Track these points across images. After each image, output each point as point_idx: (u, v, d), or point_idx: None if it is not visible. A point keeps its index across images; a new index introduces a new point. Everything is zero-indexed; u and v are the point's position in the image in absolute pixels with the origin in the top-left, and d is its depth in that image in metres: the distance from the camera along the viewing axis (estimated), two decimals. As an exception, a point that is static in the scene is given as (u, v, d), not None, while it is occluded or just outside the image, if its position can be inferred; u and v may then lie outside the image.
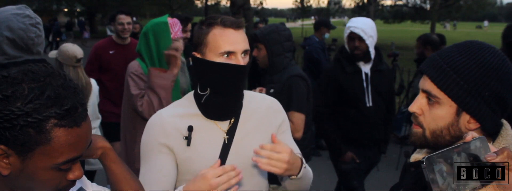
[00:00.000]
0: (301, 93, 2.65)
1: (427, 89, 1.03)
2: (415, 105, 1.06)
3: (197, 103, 1.50)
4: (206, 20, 1.44)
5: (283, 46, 2.69)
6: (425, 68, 1.05)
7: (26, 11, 1.82)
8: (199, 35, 1.43)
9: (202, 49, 1.43)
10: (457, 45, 1.04)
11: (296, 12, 38.56)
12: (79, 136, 0.85)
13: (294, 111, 2.61)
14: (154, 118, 1.50)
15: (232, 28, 1.40)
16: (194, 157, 1.45)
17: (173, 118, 1.48)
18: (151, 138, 1.47)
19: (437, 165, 0.75)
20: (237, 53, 1.40)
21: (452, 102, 1.00)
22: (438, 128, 1.03)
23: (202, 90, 1.47)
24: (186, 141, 1.45)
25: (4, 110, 0.78)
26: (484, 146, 0.79)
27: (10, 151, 0.81)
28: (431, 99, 1.03)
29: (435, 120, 1.03)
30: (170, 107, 1.56)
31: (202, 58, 1.43)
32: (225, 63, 1.39)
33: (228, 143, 1.49)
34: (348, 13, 53.46)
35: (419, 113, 1.06)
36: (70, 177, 0.89)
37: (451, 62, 0.99)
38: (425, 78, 1.05)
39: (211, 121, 1.49)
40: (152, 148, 1.46)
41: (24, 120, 0.78)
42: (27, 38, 1.77)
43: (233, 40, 1.39)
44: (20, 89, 0.79)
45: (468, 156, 0.78)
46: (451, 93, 0.99)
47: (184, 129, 1.46)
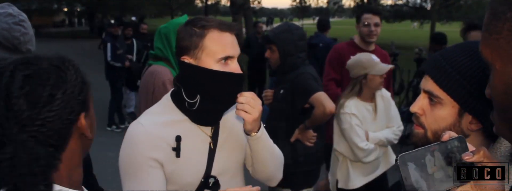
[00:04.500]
0: (309, 83, 2.58)
1: (429, 89, 1.03)
2: (416, 105, 1.06)
3: (181, 109, 1.42)
4: (196, 22, 1.35)
5: (296, 45, 2.62)
6: (427, 68, 1.04)
7: (8, 10, 1.76)
8: (191, 38, 1.33)
9: (197, 53, 1.33)
10: (459, 45, 1.03)
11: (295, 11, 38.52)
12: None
13: (311, 96, 2.55)
14: (136, 129, 1.38)
15: (229, 32, 1.36)
16: (183, 167, 1.40)
17: (157, 127, 1.38)
18: (138, 152, 1.35)
19: (410, 164, 0.75)
20: (235, 58, 1.36)
21: (454, 103, 1.00)
22: (440, 129, 1.02)
23: (190, 97, 1.38)
24: (175, 152, 1.38)
25: (68, 82, 0.85)
26: (462, 145, 0.79)
27: (83, 114, 0.89)
28: (433, 100, 1.03)
29: (437, 120, 1.03)
30: (148, 115, 1.44)
31: (195, 65, 1.34)
32: (224, 72, 1.33)
33: (214, 149, 1.47)
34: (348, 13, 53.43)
35: (420, 114, 1.05)
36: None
37: (453, 63, 0.99)
38: (426, 78, 1.04)
39: (195, 125, 1.43)
40: (141, 163, 1.34)
41: (76, 80, 0.87)
42: (12, 37, 1.73)
43: (232, 45, 1.35)
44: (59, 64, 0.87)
45: (444, 155, 0.78)
46: (453, 94, 0.99)
47: (170, 139, 1.38)
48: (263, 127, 1.44)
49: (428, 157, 0.77)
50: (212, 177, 1.45)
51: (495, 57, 0.63)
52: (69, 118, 0.85)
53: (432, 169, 0.77)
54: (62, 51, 0.98)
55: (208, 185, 1.44)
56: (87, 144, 0.95)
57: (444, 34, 5.03)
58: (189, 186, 1.43)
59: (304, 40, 2.70)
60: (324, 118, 2.57)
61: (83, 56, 13.52)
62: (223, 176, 1.47)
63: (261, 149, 1.45)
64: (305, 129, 2.66)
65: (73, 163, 0.91)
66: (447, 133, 0.80)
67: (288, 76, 2.66)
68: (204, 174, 1.44)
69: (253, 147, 1.45)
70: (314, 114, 2.56)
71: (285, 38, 2.60)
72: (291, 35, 2.61)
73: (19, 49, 1.77)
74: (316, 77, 2.66)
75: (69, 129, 0.86)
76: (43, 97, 0.80)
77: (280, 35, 2.61)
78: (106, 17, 31.78)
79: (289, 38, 2.60)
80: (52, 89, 0.81)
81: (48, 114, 0.80)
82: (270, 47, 2.68)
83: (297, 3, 36.29)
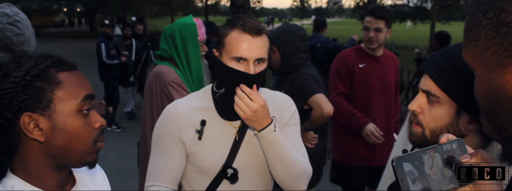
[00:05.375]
0: (308, 84, 2.57)
1: (428, 88, 1.03)
2: (415, 103, 1.06)
3: (213, 98, 1.52)
4: (231, 20, 1.44)
5: (297, 46, 2.61)
6: (426, 67, 1.05)
7: (5, 10, 1.76)
8: (221, 34, 1.44)
9: (220, 48, 1.44)
10: (459, 45, 1.03)
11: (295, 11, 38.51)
12: (81, 76, 0.94)
13: (309, 99, 2.54)
14: (170, 108, 1.54)
15: (249, 34, 1.38)
16: (204, 151, 1.48)
17: (188, 110, 1.51)
18: (165, 129, 1.51)
19: (407, 166, 0.75)
20: (249, 61, 1.39)
21: (453, 102, 1.00)
22: (437, 128, 1.03)
23: (218, 87, 1.49)
24: (198, 134, 1.47)
25: (11, 78, 0.85)
26: (460, 148, 0.79)
27: (35, 115, 0.86)
28: (431, 99, 1.03)
29: (435, 119, 1.03)
30: (187, 99, 1.59)
31: (217, 58, 1.45)
32: (234, 69, 1.39)
33: (239, 141, 1.50)
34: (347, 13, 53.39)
35: (418, 112, 1.06)
36: (96, 125, 0.95)
37: (452, 62, 0.99)
38: (426, 77, 1.05)
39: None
40: (166, 139, 1.50)
41: (30, 75, 0.85)
42: (4, 37, 1.72)
43: (248, 47, 1.38)
44: (13, 62, 0.88)
45: (441, 157, 0.78)
46: (451, 93, 0.99)
47: (197, 122, 1.49)
48: (273, 130, 1.41)
49: (425, 159, 0.77)
50: (231, 168, 1.47)
51: (475, 63, 0.63)
52: (4, 114, 0.85)
53: (429, 171, 0.77)
54: (62, 51, 0.99)
55: (226, 175, 1.47)
56: (52, 148, 0.90)
57: (448, 34, 5.02)
58: (208, 171, 1.49)
59: (305, 41, 2.68)
60: (322, 120, 2.56)
61: (83, 56, 13.53)
62: (245, 172, 1.48)
63: (268, 151, 1.44)
64: (305, 130, 2.66)
65: (38, 165, 0.91)
66: (445, 135, 0.80)
67: (288, 77, 2.66)
68: (224, 163, 1.47)
69: (261, 146, 1.46)
70: (312, 116, 2.56)
71: (285, 39, 2.59)
72: (291, 36, 2.60)
73: (12, 50, 1.74)
74: (316, 78, 2.65)
75: (5, 126, 0.86)
76: None
77: (281, 36, 2.60)
78: (106, 17, 31.81)
79: (289, 39, 2.59)
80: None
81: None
82: (271, 48, 2.67)
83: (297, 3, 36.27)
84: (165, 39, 2.37)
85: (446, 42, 4.95)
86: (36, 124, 0.87)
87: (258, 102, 1.36)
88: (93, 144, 0.94)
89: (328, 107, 2.51)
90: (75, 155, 0.93)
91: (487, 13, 0.58)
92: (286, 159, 1.45)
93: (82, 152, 0.93)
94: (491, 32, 0.58)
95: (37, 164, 0.92)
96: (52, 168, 0.93)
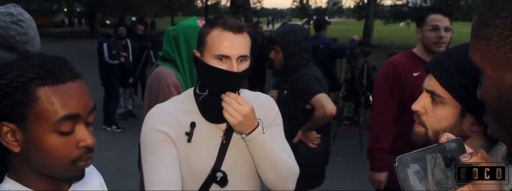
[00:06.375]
0: (311, 84, 2.56)
1: (432, 88, 1.02)
2: (418, 104, 1.05)
3: (196, 102, 1.49)
4: (211, 20, 1.43)
5: (300, 46, 2.60)
6: (430, 67, 1.04)
7: (10, 9, 1.79)
8: (201, 33, 1.42)
9: (201, 48, 1.42)
10: (464, 46, 1.02)
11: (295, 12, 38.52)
12: (67, 93, 0.85)
13: (312, 98, 2.54)
14: (155, 110, 1.48)
15: (231, 31, 1.37)
16: (192, 154, 1.45)
17: (175, 111, 1.47)
18: (153, 129, 1.43)
19: (409, 166, 0.75)
20: (232, 58, 1.36)
21: (457, 103, 0.99)
22: (441, 129, 1.02)
23: (201, 90, 1.46)
24: (187, 136, 1.44)
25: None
26: (460, 147, 0.79)
27: (12, 125, 0.84)
28: (435, 99, 1.02)
29: (438, 120, 1.02)
30: (171, 102, 1.54)
31: (199, 58, 1.42)
32: (218, 68, 1.36)
33: (226, 144, 1.48)
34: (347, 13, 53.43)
35: (422, 112, 1.05)
36: (80, 144, 0.88)
37: (457, 63, 0.98)
38: (430, 77, 1.04)
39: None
40: (156, 139, 1.42)
41: (10, 87, 0.82)
42: (7, 36, 1.74)
43: (230, 44, 1.36)
44: (6, 64, 0.85)
45: (442, 157, 0.78)
46: (456, 94, 0.98)
47: (185, 123, 1.46)
48: (261, 132, 1.40)
49: (426, 158, 0.77)
50: (220, 172, 1.45)
51: (485, 63, 0.62)
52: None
53: (430, 171, 0.76)
54: (62, 51, 0.98)
55: (215, 179, 1.45)
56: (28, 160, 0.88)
57: None
58: (197, 176, 1.46)
59: (307, 41, 2.67)
60: (325, 120, 2.56)
61: (83, 56, 13.53)
62: (234, 174, 1.47)
63: (256, 153, 1.43)
64: (307, 130, 2.65)
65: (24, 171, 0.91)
66: (445, 135, 0.79)
67: (291, 77, 2.66)
68: (212, 167, 1.46)
69: (249, 149, 1.45)
70: (314, 116, 2.56)
71: (288, 39, 2.59)
72: (294, 36, 2.60)
73: (15, 49, 1.77)
74: (319, 78, 2.65)
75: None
76: None
77: (283, 36, 2.60)
78: (106, 17, 31.80)
79: (292, 39, 2.59)
80: None
81: None
82: (274, 48, 2.67)
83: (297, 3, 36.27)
84: (169, 41, 2.35)
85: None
86: (13, 133, 0.85)
87: (247, 105, 1.35)
88: (72, 163, 0.88)
89: (330, 107, 2.51)
90: (52, 172, 0.90)
91: (501, 12, 0.57)
92: (274, 160, 1.44)
93: (59, 170, 0.89)
94: (505, 31, 0.57)
95: (24, 170, 0.91)
96: (38, 175, 0.92)
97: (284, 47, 2.60)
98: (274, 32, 2.71)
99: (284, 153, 1.50)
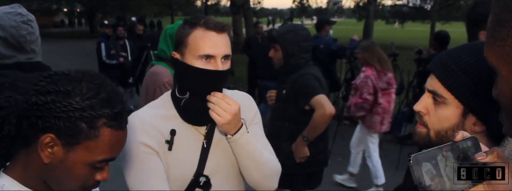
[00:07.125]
0: (310, 84, 2.56)
1: (434, 88, 1.02)
2: (420, 104, 1.04)
3: (175, 106, 1.45)
4: (190, 20, 1.39)
5: (300, 46, 2.60)
6: (432, 67, 1.03)
7: (18, 9, 1.83)
8: (181, 34, 1.38)
9: (182, 49, 1.38)
10: (467, 45, 1.02)
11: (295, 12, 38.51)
12: (120, 140, 0.94)
13: (312, 99, 2.54)
14: (133, 118, 1.41)
15: (214, 31, 1.35)
16: (174, 162, 1.43)
17: (152, 118, 1.43)
18: (133, 139, 1.38)
19: (424, 164, 0.75)
20: (217, 57, 1.35)
21: (459, 103, 0.99)
22: (443, 129, 1.02)
23: (180, 93, 1.42)
24: (167, 145, 1.41)
25: (63, 102, 0.86)
26: (475, 146, 0.78)
27: (57, 141, 0.88)
28: (437, 99, 1.02)
29: (440, 120, 1.02)
30: (146, 108, 1.50)
31: (180, 60, 1.38)
32: (203, 69, 1.34)
33: (207, 147, 1.47)
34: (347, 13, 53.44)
35: (424, 113, 1.04)
36: (97, 178, 0.95)
37: (460, 63, 0.98)
38: (432, 77, 1.03)
39: (189, 124, 1.46)
40: (138, 150, 1.38)
41: (80, 114, 0.86)
42: (18, 35, 1.78)
43: (214, 44, 1.34)
44: (79, 87, 0.88)
45: (457, 155, 0.77)
46: (458, 94, 0.98)
47: (165, 131, 1.42)
48: (246, 132, 1.40)
49: (440, 157, 0.76)
50: (203, 176, 1.44)
51: (501, 63, 0.62)
52: (37, 122, 0.87)
53: (443, 170, 0.76)
54: (62, 51, 0.98)
55: (198, 184, 1.44)
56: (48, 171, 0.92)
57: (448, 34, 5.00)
58: (180, 182, 1.44)
59: (308, 41, 2.68)
60: (324, 120, 2.55)
61: (83, 56, 13.51)
62: (216, 176, 1.46)
63: (241, 153, 1.43)
64: (303, 141, 2.64)
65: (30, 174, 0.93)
66: (460, 133, 0.79)
67: (291, 76, 2.65)
68: (195, 172, 1.44)
69: (233, 150, 1.44)
70: (314, 117, 2.55)
71: (289, 38, 2.59)
72: (295, 35, 2.60)
73: (24, 48, 1.82)
74: (319, 78, 2.65)
75: (25, 130, 0.88)
76: None
77: (284, 35, 2.60)
78: (106, 17, 31.79)
79: (293, 39, 2.59)
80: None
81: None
82: (274, 46, 2.67)
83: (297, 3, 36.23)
84: (165, 40, 2.36)
85: (446, 42, 4.94)
86: (53, 147, 0.88)
87: (235, 104, 1.35)
88: (82, 188, 0.95)
89: (330, 107, 2.51)
90: (60, 187, 0.95)
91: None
92: (258, 159, 1.44)
93: (68, 188, 0.95)
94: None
95: (31, 175, 0.94)
96: (41, 181, 0.95)
97: (285, 47, 2.60)
98: (276, 31, 2.72)
99: (266, 152, 1.51)
